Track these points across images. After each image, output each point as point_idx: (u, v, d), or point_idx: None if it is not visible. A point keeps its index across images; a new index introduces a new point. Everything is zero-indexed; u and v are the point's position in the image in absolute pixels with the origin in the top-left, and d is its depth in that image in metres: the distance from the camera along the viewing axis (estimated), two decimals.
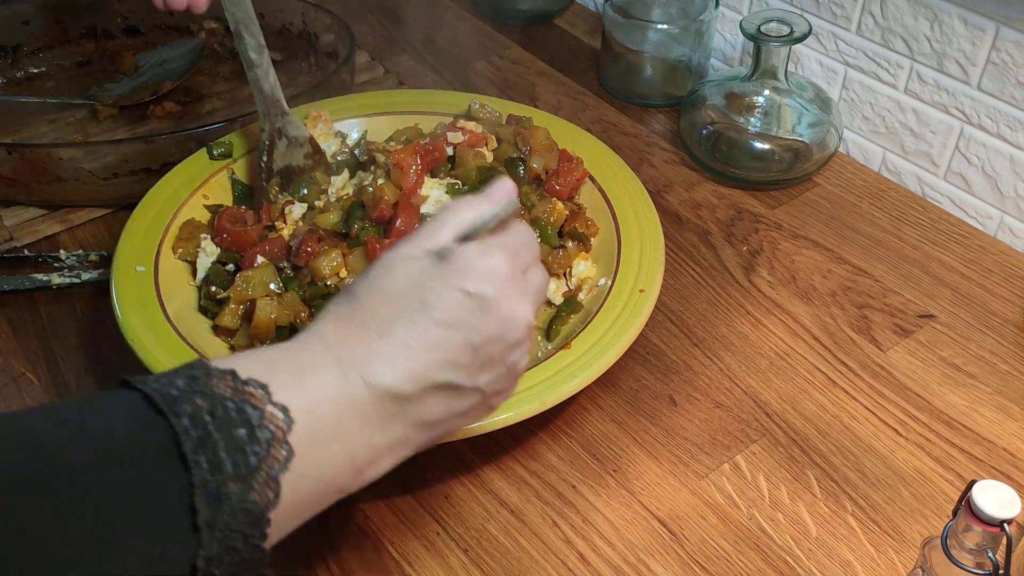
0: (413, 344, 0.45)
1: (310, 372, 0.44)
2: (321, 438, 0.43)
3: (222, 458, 0.39)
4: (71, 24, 1.09)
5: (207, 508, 0.38)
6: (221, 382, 0.41)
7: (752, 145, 0.90)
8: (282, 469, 0.41)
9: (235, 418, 0.40)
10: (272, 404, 0.41)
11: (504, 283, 0.47)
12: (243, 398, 0.41)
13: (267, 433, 0.40)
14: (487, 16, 1.18)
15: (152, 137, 0.86)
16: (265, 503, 0.40)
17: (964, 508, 0.50)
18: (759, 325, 0.77)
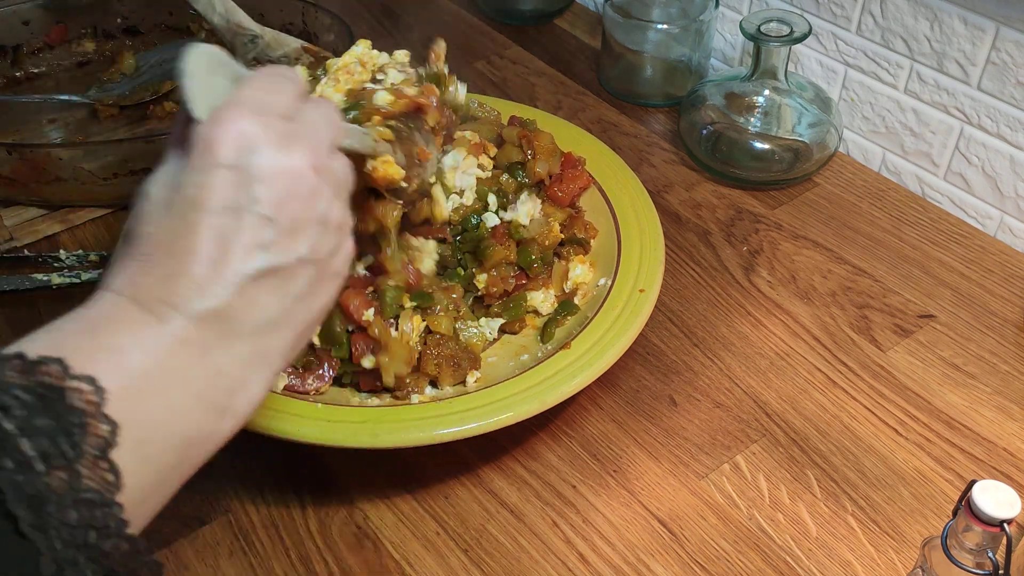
0: (203, 249, 0.40)
1: (107, 328, 0.38)
2: (149, 394, 0.38)
3: (28, 454, 0.34)
4: (71, 24, 1.09)
5: (28, 512, 0.33)
6: (8, 370, 0.35)
7: (752, 145, 0.90)
8: (110, 445, 0.35)
9: (33, 404, 0.34)
10: (73, 378, 0.35)
11: (258, 138, 0.41)
12: (39, 380, 0.35)
13: (75, 414, 0.35)
14: (487, 16, 1.18)
15: (152, 137, 0.86)
16: (104, 488, 0.35)
17: (964, 508, 0.50)
18: (759, 325, 0.77)
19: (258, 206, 0.41)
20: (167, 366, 0.39)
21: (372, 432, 0.60)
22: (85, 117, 1.00)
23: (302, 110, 0.44)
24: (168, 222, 0.40)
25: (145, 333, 0.38)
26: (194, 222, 0.40)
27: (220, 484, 0.65)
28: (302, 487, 0.65)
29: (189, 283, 0.40)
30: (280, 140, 0.42)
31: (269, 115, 0.42)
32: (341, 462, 0.66)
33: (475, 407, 0.61)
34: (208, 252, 0.40)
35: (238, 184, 0.41)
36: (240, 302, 0.41)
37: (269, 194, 0.41)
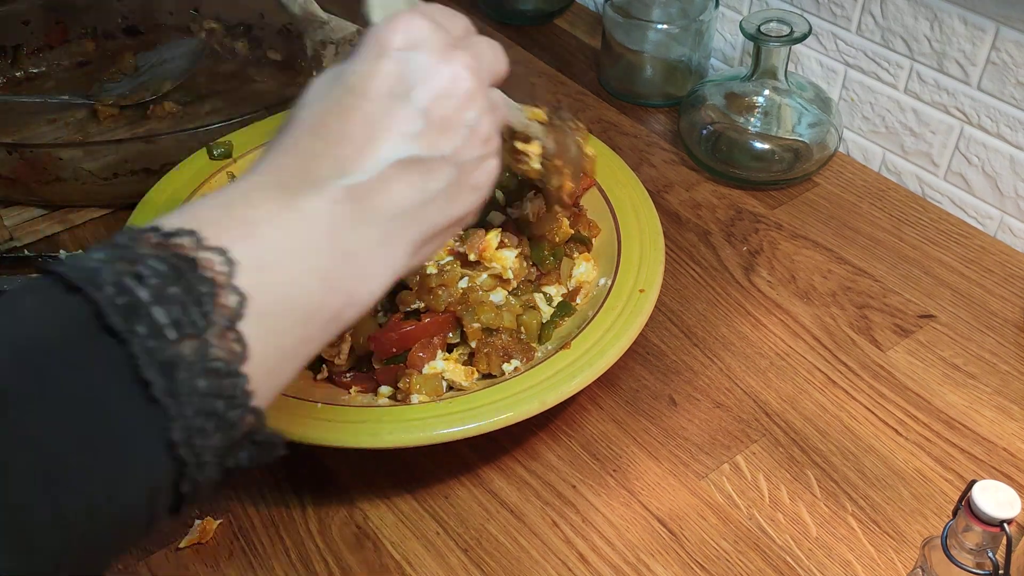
0: (351, 131, 0.41)
1: (242, 203, 0.39)
2: (278, 268, 0.38)
3: (160, 321, 0.34)
4: (71, 24, 1.09)
5: (161, 377, 0.33)
6: (144, 242, 0.36)
7: (752, 145, 0.90)
8: (237, 316, 0.36)
9: (166, 274, 0.34)
10: (205, 249, 0.36)
11: (429, 37, 0.43)
12: (173, 251, 0.35)
13: (206, 284, 0.35)
14: (487, 16, 1.18)
15: (152, 137, 0.86)
16: (232, 358, 0.36)
17: (964, 508, 0.50)
18: (759, 325, 0.77)
19: (414, 97, 0.42)
20: (298, 241, 0.39)
21: (372, 432, 0.60)
22: (85, 117, 1.00)
23: (472, 39, 0.46)
24: (322, 107, 0.42)
25: (279, 208, 0.39)
26: (348, 106, 0.41)
27: None
28: (302, 487, 0.65)
29: (332, 162, 0.40)
30: (446, 45, 0.44)
31: (440, 25, 0.44)
32: (341, 462, 0.66)
33: (475, 407, 0.61)
34: (355, 134, 0.41)
35: (398, 75, 0.42)
36: (379, 185, 0.41)
37: (425, 89, 0.42)
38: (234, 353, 0.36)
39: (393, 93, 0.42)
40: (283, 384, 0.40)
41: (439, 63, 0.43)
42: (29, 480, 0.31)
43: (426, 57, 0.43)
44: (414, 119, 0.42)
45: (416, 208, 0.42)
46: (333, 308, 0.40)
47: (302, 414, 0.61)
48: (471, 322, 0.67)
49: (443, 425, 0.60)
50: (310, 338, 0.40)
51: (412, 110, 0.42)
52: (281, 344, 0.38)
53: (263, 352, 0.37)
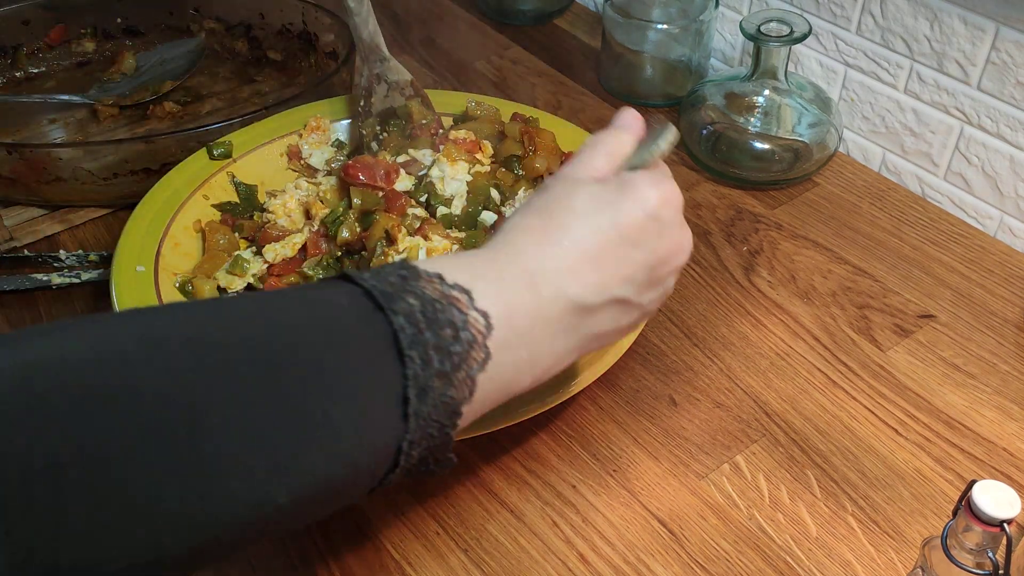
0: (603, 259, 0.50)
1: (508, 282, 0.47)
2: (513, 344, 0.47)
3: (431, 355, 0.43)
4: (71, 24, 1.09)
5: (416, 399, 0.42)
6: (429, 284, 0.45)
7: (752, 145, 0.90)
8: (479, 370, 0.45)
9: (442, 319, 0.43)
10: (475, 310, 0.45)
11: (677, 210, 0.53)
12: (449, 301, 0.44)
13: (469, 336, 0.44)
14: (487, 16, 1.18)
15: (152, 137, 0.86)
16: (461, 398, 0.44)
17: (964, 508, 0.50)
18: (759, 325, 0.77)
19: (651, 255, 0.51)
20: (532, 329, 0.48)
21: None
22: (85, 117, 1.00)
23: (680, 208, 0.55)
24: (589, 225, 0.50)
25: (530, 298, 0.48)
26: (607, 239, 0.50)
27: None
28: None
29: (578, 278, 0.49)
30: (683, 219, 0.54)
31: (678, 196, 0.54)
32: None
33: None
34: (602, 263, 0.50)
35: (650, 232, 0.51)
36: (596, 310, 0.50)
37: (662, 251, 0.52)
38: (464, 395, 0.45)
39: (640, 241, 0.51)
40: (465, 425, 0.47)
41: (676, 231, 0.53)
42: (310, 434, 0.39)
43: (671, 225, 0.52)
44: (643, 271, 0.51)
45: (606, 333, 0.52)
46: (523, 384, 0.49)
47: None
48: None
49: None
50: (497, 400, 0.48)
51: (645, 263, 0.51)
52: (487, 399, 0.47)
53: (477, 400, 0.46)
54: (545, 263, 0.49)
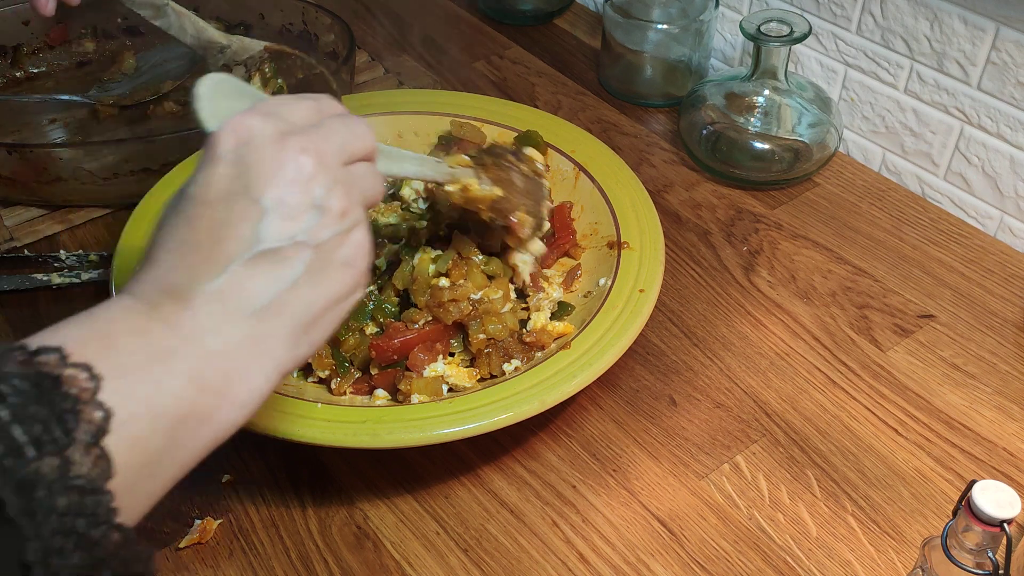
0: (200, 238, 0.42)
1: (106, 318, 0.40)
2: (141, 375, 0.38)
3: (19, 440, 0.34)
4: (71, 24, 1.09)
5: (15, 496, 0.33)
6: (10, 361, 0.36)
7: (752, 145, 0.90)
8: (102, 432, 0.36)
9: (28, 392, 0.35)
10: (70, 366, 0.36)
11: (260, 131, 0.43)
12: (36, 369, 0.36)
13: (69, 399, 0.35)
14: (487, 16, 1.18)
15: (152, 137, 0.86)
16: (95, 474, 0.35)
17: (964, 508, 0.50)
18: (759, 325, 0.77)
19: (252, 192, 0.42)
20: (160, 348, 0.39)
21: (372, 432, 0.60)
22: (85, 117, 1.00)
23: (323, 121, 0.46)
24: (171, 222, 0.43)
25: (140, 320, 0.40)
26: (192, 216, 0.42)
27: (220, 484, 0.65)
28: (302, 487, 0.65)
29: (186, 272, 0.41)
30: (279, 133, 0.44)
31: (275, 117, 0.44)
32: (341, 462, 0.66)
33: (475, 407, 0.61)
34: (203, 241, 0.42)
35: (233, 175, 0.42)
36: (233, 284, 0.41)
37: (260, 180, 0.42)
38: (98, 469, 0.35)
39: (231, 193, 0.42)
40: (158, 494, 0.39)
41: (271, 153, 0.43)
42: None
43: (257, 150, 0.43)
44: (255, 213, 0.42)
45: (278, 299, 0.42)
46: (204, 410, 0.40)
47: (302, 414, 0.61)
48: (477, 333, 0.67)
49: (443, 425, 0.60)
50: (181, 440, 0.39)
51: (252, 204, 0.42)
52: (149, 450, 0.38)
53: (129, 464, 0.37)
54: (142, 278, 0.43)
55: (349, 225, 0.45)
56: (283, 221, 0.43)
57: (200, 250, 0.42)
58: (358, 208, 0.46)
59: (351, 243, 0.45)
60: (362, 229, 0.46)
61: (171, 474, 0.40)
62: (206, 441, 0.41)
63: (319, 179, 0.44)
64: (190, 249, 0.42)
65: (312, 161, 0.44)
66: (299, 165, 0.43)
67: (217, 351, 0.41)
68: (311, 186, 0.44)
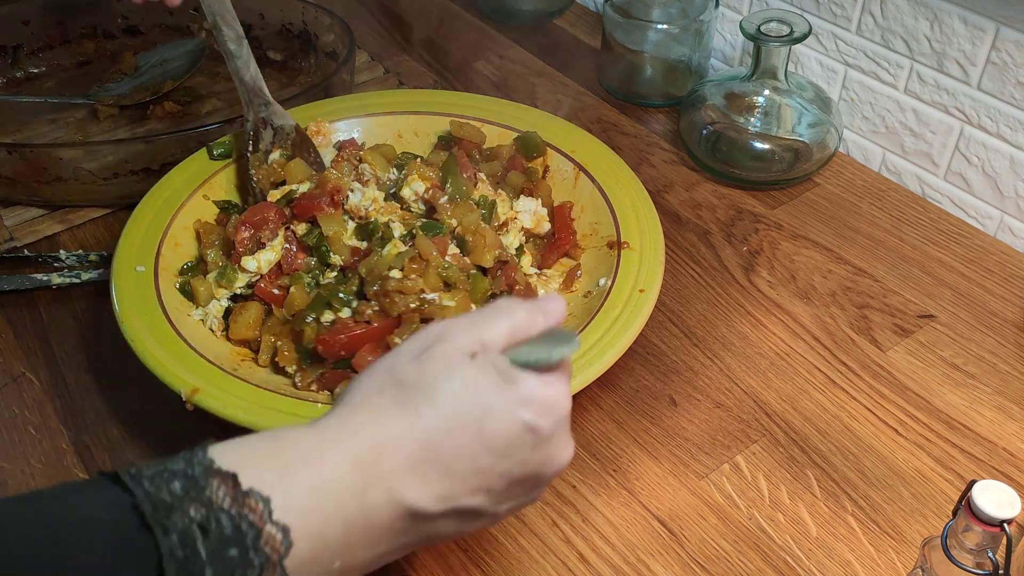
0: (457, 467, 0.42)
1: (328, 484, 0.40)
2: (321, 558, 0.40)
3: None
4: (71, 24, 1.09)
5: None
6: (221, 487, 0.37)
7: (752, 145, 0.90)
8: None
9: (229, 536, 0.36)
10: (271, 523, 0.38)
11: (560, 420, 0.45)
12: (242, 512, 0.37)
13: (261, 556, 0.37)
14: (487, 16, 1.18)
15: (152, 137, 0.86)
16: None
17: (964, 508, 0.50)
18: (759, 325, 0.77)
19: (518, 467, 0.44)
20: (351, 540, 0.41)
21: None
22: (85, 117, 1.00)
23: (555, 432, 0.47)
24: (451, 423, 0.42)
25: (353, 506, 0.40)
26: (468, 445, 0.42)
27: None
28: None
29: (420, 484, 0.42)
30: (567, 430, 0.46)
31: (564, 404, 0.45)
32: None
33: None
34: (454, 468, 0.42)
35: (524, 443, 0.43)
36: (437, 518, 0.43)
37: (532, 464, 0.44)
38: None
39: (508, 452, 0.43)
40: None
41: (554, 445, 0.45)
42: None
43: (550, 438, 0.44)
44: (503, 482, 0.44)
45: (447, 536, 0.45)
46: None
47: (302, 414, 0.61)
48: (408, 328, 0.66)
49: None
50: None
51: (507, 475, 0.44)
52: None
53: None
54: (382, 455, 0.41)
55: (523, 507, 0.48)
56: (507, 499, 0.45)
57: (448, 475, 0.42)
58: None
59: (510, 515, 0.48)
60: None
61: None
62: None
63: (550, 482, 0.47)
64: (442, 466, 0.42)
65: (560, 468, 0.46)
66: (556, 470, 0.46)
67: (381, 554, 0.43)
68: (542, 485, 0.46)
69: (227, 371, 0.64)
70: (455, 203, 0.74)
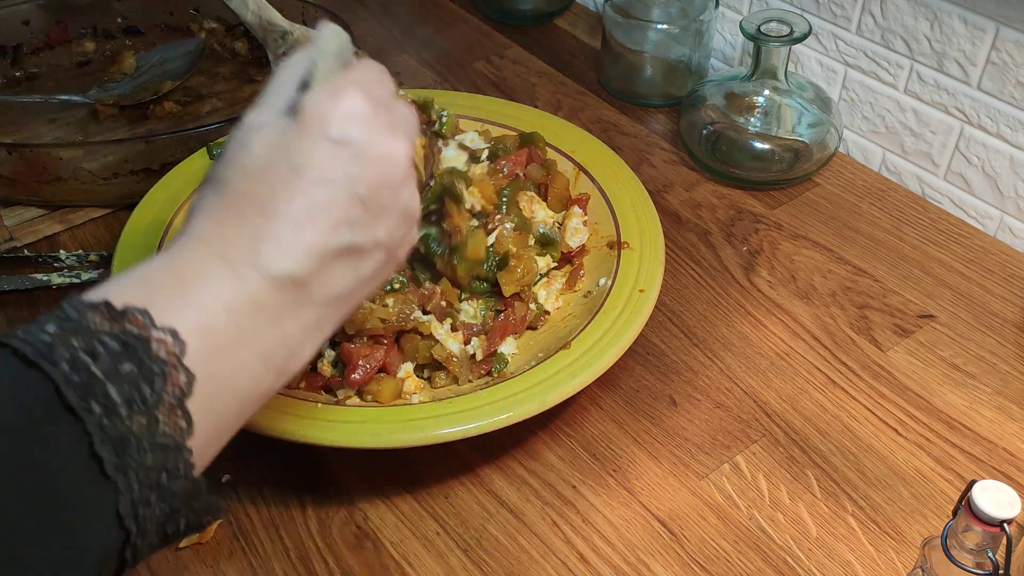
0: (299, 215, 0.42)
1: (194, 281, 0.40)
2: (223, 350, 0.40)
3: (114, 399, 0.36)
4: (71, 24, 1.09)
5: (112, 454, 0.35)
6: (96, 316, 0.37)
7: (752, 145, 0.90)
8: (185, 395, 0.38)
9: (119, 352, 0.36)
10: (157, 328, 0.38)
11: (369, 121, 0.44)
12: (124, 328, 0.37)
13: (158, 362, 0.37)
14: (487, 16, 1.18)
15: (152, 137, 0.86)
16: (178, 434, 0.38)
17: (964, 508, 0.50)
18: (759, 325, 0.77)
19: (357, 185, 0.43)
20: (242, 326, 0.41)
21: (372, 432, 0.60)
22: (85, 117, 1.00)
23: (396, 104, 0.47)
24: (266, 181, 0.43)
25: (227, 291, 0.41)
26: (293, 187, 0.42)
27: (220, 484, 0.65)
28: (302, 487, 0.65)
29: (276, 246, 0.42)
30: (386, 126, 0.45)
31: (377, 101, 0.45)
32: (341, 462, 0.66)
33: (475, 407, 0.61)
34: (299, 218, 0.42)
35: (342, 159, 0.43)
36: (319, 274, 0.43)
37: (369, 176, 0.44)
38: (180, 429, 0.38)
39: (335, 178, 0.43)
40: (217, 452, 0.42)
41: (382, 147, 0.44)
42: None
43: (369, 140, 0.44)
44: (356, 207, 0.44)
45: (349, 291, 0.45)
46: (268, 386, 0.43)
47: (302, 414, 0.61)
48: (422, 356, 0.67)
49: (443, 425, 0.60)
50: (245, 412, 0.42)
51: (354, 198, 0.43)
52: (221, 419, 0.41)
53: (205, 427, 0.39)
54: (235, 242, 0.41)
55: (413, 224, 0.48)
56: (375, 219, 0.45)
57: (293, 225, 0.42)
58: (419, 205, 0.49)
59: (408, 242, 0.49)
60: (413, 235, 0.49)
61: (231, 435, 0.42)
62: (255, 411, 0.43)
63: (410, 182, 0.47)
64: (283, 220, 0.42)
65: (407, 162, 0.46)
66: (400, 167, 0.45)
67: (291, 334, 0.43)
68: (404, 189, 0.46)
69: None
70: (516, 233, 0.73)
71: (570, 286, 0.75)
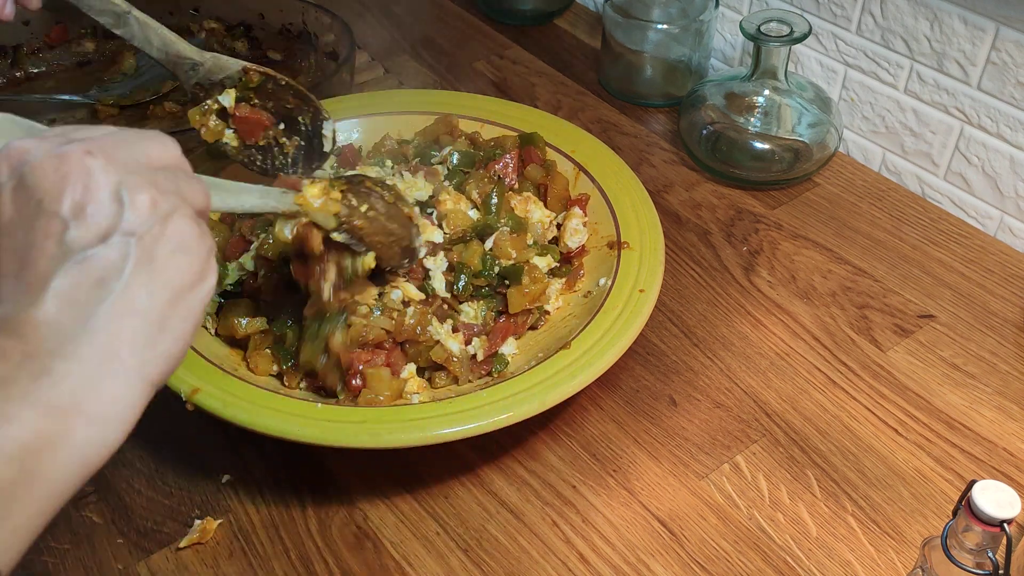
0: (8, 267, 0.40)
1: None
2: None
3: None
4: (71, 24, 1.09)
5: None
6: None
7: (752, 145, 0.90)
8: None
9: None
10: None
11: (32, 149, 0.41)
12: None
13: None
14: (487, 16, 1.18)
15: None
16: None
17: (964, 508, 0.50)
18: (759, 325, 0.77)
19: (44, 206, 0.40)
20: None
21: (372, 432, 0.60)
22: (85, 117, 1.00)
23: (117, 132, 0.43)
24: None
25: None
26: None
27: (220, 484, 0.65)
28: (302, 487, 0.65)
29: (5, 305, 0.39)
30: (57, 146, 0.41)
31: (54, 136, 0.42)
32: (341, 462, 0.66)
33: (475, 407, 0.61)
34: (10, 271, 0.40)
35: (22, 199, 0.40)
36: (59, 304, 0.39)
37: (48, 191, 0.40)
38: None
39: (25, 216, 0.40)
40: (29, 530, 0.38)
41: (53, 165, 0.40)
42: None
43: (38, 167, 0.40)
44: (57, 226, 0.40)
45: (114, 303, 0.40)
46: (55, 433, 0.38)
47: (302, 414, 0.61)
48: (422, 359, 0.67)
49: (443, 425, 0.60)
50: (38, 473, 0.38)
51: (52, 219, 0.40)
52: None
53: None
54: None
55: (164, 213, 0.42)
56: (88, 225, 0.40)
57: (10, 280, 0.39)
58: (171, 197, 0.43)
59: (173, 230, 0.42)
60: (181, 215, 0.43)
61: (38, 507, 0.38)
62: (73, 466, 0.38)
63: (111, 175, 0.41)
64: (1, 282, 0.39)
65: (100, 161, 0.41)
66: (86, 167, 0.40)
67: (63, 371, 0.39)
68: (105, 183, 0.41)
69: (227, 371, 0.64)
70: (512, 237, 0.72)
71: (570, 286, 0.75)
